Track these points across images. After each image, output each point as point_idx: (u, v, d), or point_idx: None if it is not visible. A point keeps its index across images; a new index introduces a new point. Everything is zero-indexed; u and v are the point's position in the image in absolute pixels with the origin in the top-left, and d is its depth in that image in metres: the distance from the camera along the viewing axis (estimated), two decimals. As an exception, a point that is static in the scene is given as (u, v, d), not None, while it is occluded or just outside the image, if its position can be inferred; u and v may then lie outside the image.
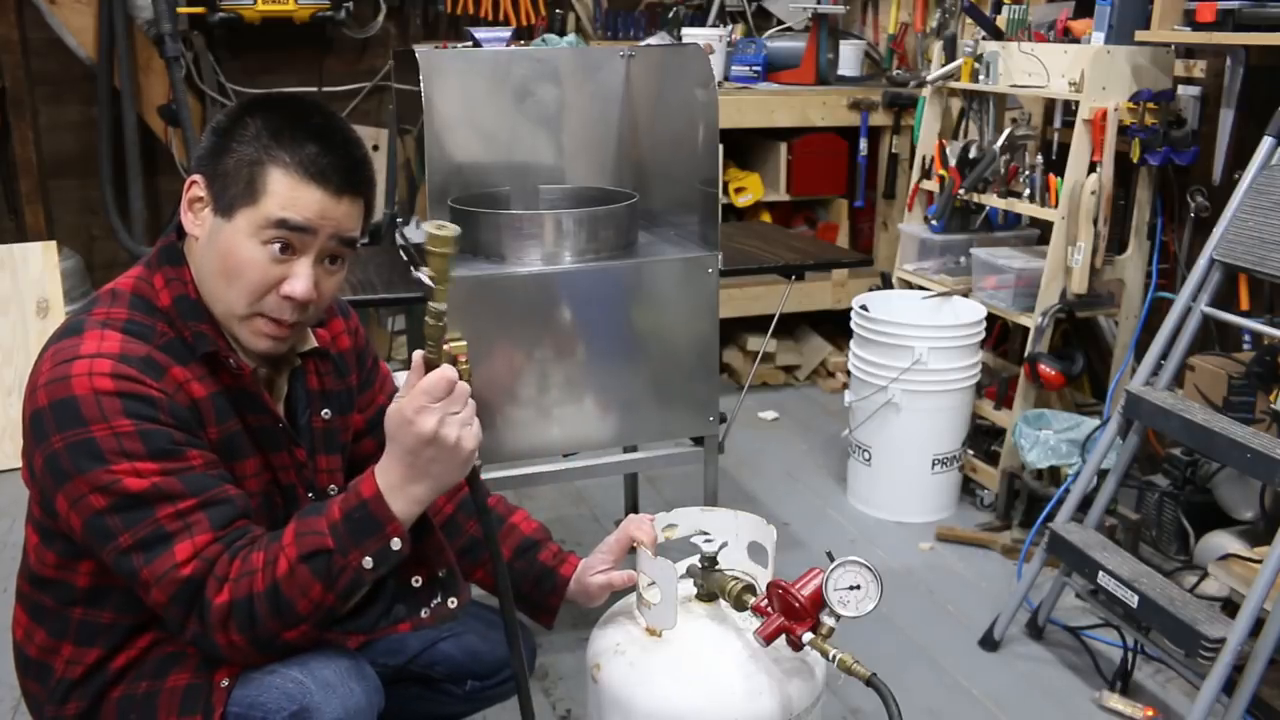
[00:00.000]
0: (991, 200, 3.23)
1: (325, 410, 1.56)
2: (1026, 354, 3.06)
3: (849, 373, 3.24)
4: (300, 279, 1.37)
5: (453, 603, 1.44)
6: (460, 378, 1.33)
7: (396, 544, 1.31)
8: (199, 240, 1.40)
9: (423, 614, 1.43)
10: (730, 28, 4.59)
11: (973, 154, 3.27)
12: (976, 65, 3.24)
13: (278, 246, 1.36)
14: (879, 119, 4.18)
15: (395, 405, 1.33)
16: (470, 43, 3.46)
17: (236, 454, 1.43)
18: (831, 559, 1.52)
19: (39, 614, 1.46)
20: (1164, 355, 2.37)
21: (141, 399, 1.30)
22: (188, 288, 1.41)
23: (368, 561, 1.30)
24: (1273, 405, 2.41)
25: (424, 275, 1.35)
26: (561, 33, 4.46)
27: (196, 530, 1.30)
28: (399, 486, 1.32)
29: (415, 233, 3.47)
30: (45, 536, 1.42)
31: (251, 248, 1.35)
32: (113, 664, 1.44)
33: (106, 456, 1.27)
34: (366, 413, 1.68)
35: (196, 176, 1.39)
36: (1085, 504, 2.48)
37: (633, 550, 1.66)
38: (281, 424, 1.48)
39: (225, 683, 1.38)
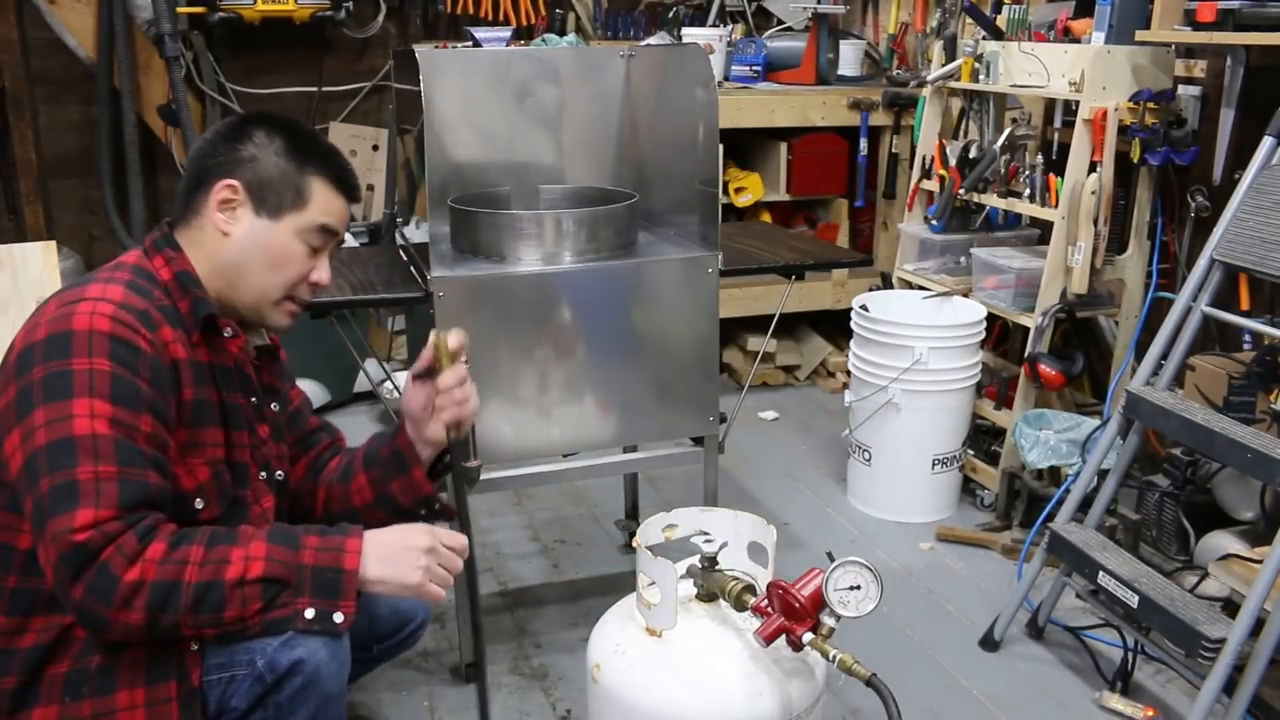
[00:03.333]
0: (991, 200, 3.23)
1: (274, 404, 1.73)
2: (1027, 354, 3.06)
3: (849, 373, 3.24)
4: (325, 270, 1.65)
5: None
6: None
7: (339, 618, 1.43)
8: (231, 236, 1.57)
9: None
10: (730, 27, 4.59)
11: (973, 154, 3.27)
12: (977, 65, 3.24)
13: (312, 245, 1.61)
14: (879, 119, 4.17)
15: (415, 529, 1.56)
16: (470, 42, 3.47)
17: (203, 420, 1.54)
18: (831, 559, 1.52)
19: None
20: (1164, 355, 2.37)
21: (129, 345, 1.41)
22: (188, 264, 1.57)
23: (310, 613, 1.42)
24: (1273, 405, 2.41)
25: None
26: (561, 32, 4.46)
27: (103, 501, 1.34)
28: (374, 575, 1.46)
29: (415, 232, 3.47)
30: None
31: (294, 245, 1.60)
32: (75, 632, 1.44)
33: (74, 389, 1.36)
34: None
35: (232, 181, 1.55)
36: (1085, 504, 2.48)
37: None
38: (254, 399, 1.65)
39: (195, 646, 1.44)
